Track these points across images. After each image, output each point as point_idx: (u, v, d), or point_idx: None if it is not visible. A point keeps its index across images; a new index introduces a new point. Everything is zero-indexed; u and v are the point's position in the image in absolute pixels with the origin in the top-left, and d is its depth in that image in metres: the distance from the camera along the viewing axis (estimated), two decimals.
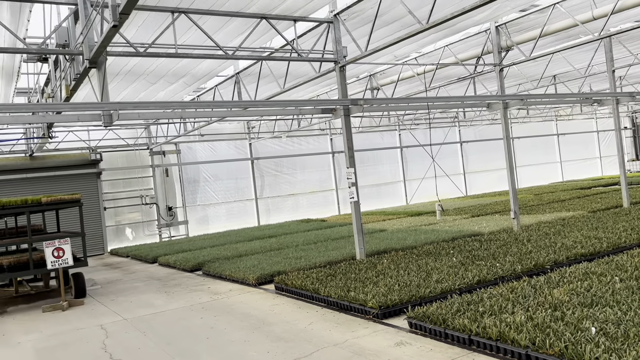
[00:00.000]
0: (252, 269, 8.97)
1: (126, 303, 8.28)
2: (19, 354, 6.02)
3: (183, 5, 7.61)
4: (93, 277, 11.62)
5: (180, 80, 11.93)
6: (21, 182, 15.52)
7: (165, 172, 18.47)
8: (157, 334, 6.24)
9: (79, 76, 7.57)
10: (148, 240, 17.93)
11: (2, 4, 6.81)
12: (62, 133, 16.27)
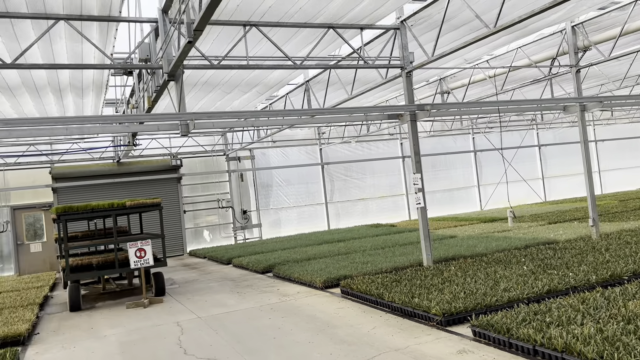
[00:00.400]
0: (319, 273, 9.17)
1: (201, 302, 8.74)
2: (105, 346, 6.56)
3: (254, 19, 7.97)
4: (172, 276, 12.30)
5: (253, 89, 12.42)
6: (109, 187, 16.70)
7: (240, 177, 19.18)
8: (228, 332, 6.57)
9: (159, 88, 8.14)
10: (224, 242, 18.68)
11: (92, 24, 7.46)
12: (146, 141, 17.35)
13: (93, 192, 16.48)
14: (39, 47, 7.95)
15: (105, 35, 7.93)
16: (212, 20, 7.64)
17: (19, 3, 6.57)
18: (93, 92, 11.03)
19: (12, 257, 15.92)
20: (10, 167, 16.06)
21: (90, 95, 11.28)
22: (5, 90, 10.19)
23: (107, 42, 8.17)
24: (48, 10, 6.90)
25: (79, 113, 12.83)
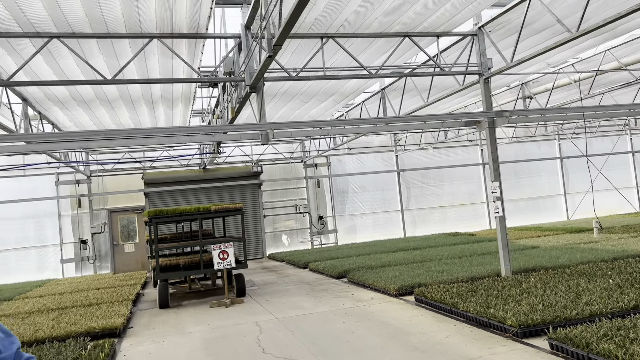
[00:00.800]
0: (393, 280, 9.23)
1: (279, 304, 9.08)
2: (190, 341, 7.02)
3: (331, 31, 8.23)
4: (252, 278, 12.82)
5: (330, 98, 12.72)
6: (195, 192, 17.66)
7: (317, 183, 19.57)
8: (303, 334, 6.82)
9: (242, 100, 8.60)
10: (301, 246, 19.13)
11: (181, 41, 8.05)
12: (229, 148, 18.20)
13: (181, 197, 17.49)
14: (134, 63, 8.68)
15: (193, 50, 8.51)
16: (291, 33, 7.98)
17: (119, 24, 7.24)
18: (182, 103, 11.79)
19: (108, 257, 17.25)
20: (108, 173, 17.44)
21: (179, 106, 12.07)
22: (105, 103, 11.15)
23: (194, 57, 8.75)
24: (143, 30, 7.54)
25: (169, 123, 13.73)
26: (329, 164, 19.71)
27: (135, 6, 6.74)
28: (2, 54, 7.89)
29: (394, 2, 7.43)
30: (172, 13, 7.08)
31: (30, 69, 8.49)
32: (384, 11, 7.74)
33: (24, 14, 6.64)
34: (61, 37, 7.31)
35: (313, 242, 19.17)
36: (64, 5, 6.52)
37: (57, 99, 10.63)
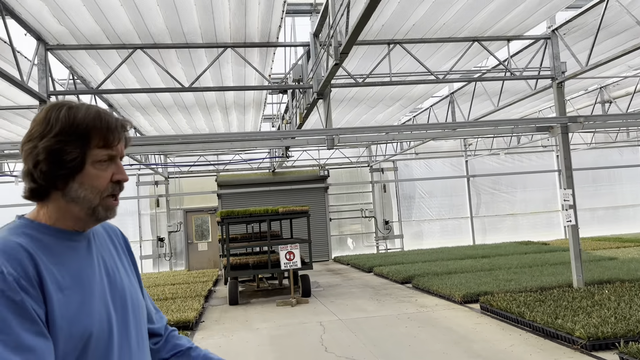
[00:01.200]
0: (458, 287, 9.13)
1: (342, 305, 9.24)
2: (257, 337, 7.33)
3: (398, 37, 8.31)
4: (318, 280, 13.06)
5: (397, 102, 12.75)
6: (265, 194, 18.21)
7: (383, 188, 19.59)
8: (365, 336, 6.93)
9: (309, 106, 8.85)
10: (366, 250, 19.21)
11: (253, 50, 8.42)
12: (298, 152, 18.61)
13: (251, 199, 18.09)
14: (210, 71, 9.15)
15: (264, 58, 8.87)
16: (359, 40, 8.11)
17: (196, 35, 7.70)
18: (253, 108, 12.25)
19: (183, 254, 18.13)
20: (184, 175, 18.35)
21: (251, 112, 12.54)
22: (182, 108, 11.80)
23: (265, 64, 9.11)
24: (218, 40, 7.97)
25: (241, 128, 14.28)
26: (395, 169, 19.66)
27: (211, 18, 7.16)
28: (92, 64, 8.60)
29: (462, 7, 7.41)
30: (245, 23, 7.44)
31: (116, 77, 9.17)
32: (452, 16, 7.72)
33: (111, 27, 7.22)
34: (144, 48, 7.87)
35: (378, 247, 19.18)
36: (147, 18, 7.03)
37: (140, 105, 11.37)
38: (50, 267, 1.19)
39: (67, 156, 1.21)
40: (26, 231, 1.22)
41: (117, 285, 1.34)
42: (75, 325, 1.18)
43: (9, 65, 7.72)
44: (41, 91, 7.63)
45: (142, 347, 1.37)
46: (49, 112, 1.24)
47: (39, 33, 7.27)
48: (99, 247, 1.36)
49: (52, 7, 6.48)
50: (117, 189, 1.29)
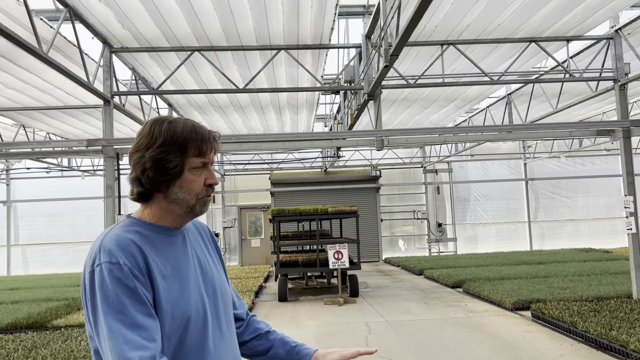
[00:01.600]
0: (510, 293, 8.92)
1: (390, 307, 9.24)
2: (303, 334, 7.46)
3: (451, 38, 8.21)
4: (367, 280, 13.08)
5: (452, 103, 12.57)
6: (317, 193, 18.39)
7: (436, 190, 19.33)
8: (410, 338, 6.92)
9: (360, 107, 8.90)
10: (418, 253, 19.02)
11: (306, 52, 8.56)
12: (350, 152, 18.67)
13: (303, 197, 18.32)
14: (264, 72, 9.37)
15: (317, 60, 9.00)
16: (411, 41, 8.11)
17: (251, 38, 7.92)
18: (306, 109, 12.42)
19: (237, 250, 18.61)
20: (239, 173, 18.82)
21: (303, 112, 12.72)
22: (238, 108, 12.13)
23: (318, 66, 9.23)
24: (272, 43, 8.16)
25: (294, 127, 14.50)
26: (450, 170, 19.34)
27: (265, 21, 7.34)
28: (153, 65, 9.01)
29: (518, 7, 7.24)
30: (298, 26, 7.59)
31: (175, 78, 9.55)
32: (508, 17, 7.56)
33: (171, 30, 7.55)
34: (201, 50, 8.17)
35: (430, 250, 18.95)
36: (205, 22, 7.30)
37: (197, 105, 11.78)
38: (155, 259, 1.40)
39: (169, 164, 1.41)
40: (135, 228, 1.44)
41: (208, 275, 1.54)
42: (177, 308, 1.38)
43: (77, 66, 8.21)
44: (105, 91, 8.08)
45: (230, 330, 1.57)
46: (152, 126, 1.45)
47: (105, 37, 7.70)
48: (192, 242, 1.56)
49: (117, 12, 6.85)
50: (209, 191, 1.50)
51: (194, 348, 1.42)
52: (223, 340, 1.52)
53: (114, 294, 1.30)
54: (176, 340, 1.39)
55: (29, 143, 8.67)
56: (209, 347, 1.45)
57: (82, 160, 17.76)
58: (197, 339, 1.42)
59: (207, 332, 1.46)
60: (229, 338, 1.56)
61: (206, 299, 1.49)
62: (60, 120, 12.54)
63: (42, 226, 18.48)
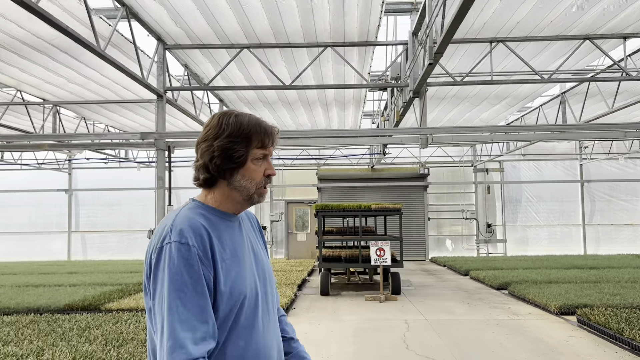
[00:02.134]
0: (556, 297, 8.69)
1: (431, 306, 9.19)
2: (342, 328, 7.56)
3: (501, 35, 8.06)
4: (410, 279, 13.03)
5: (503, 101, 12.30)
6: (363, 190, 18.41)
7: (487, 190, 18.93)
8: (449, 338, 6.89)
9: (406, 104, 8.88)
10: (465, 253, 18.71)
11: (352, 49, 8.61)
12: (397, 149, 18.57)
13: (349, 193, 18.40)
14: (311, 69, 9.50)
15: (363, 57, 9.04)
16: (458, 38, 8.04)
17: (298, 35, 8.06)
18: (353, 105, 12.48)
19: (283, 243, 18.91)
20: (287, 168, 19.10)
21: (350, 109, 12.78)
22: (286, 104, 12.34)
23: (364, 63, 9.27)
24: (319, 40, 8.27)
25: (341, 124, 14.58)
26: (501, 170, 18.90)
27: (311, 19, 7.46)
28: (204, 62, 9.31)
29: (572, 3, 7.03)
30: (344, 23, 7.66)
31: (225, 74, 9.84)
32: (561, 13, 7.35)
33: (221, 28, 7.79)
34: (250, 48, 8.38)
35: (479, 250, 18.60)
36: (253, 20, 7.49)
37: (247, 100, 12.07)
38: (217, 242, 1.51)
39: (235, 153, 1.54)
40: (201, 212, 1.56)
41: (259, 259, 1.67)
42: (235, 288, 1.50)
43: (133, 62, 8.61)
44: (159, 86, 8.43)
45: (275, 313, 1.70)
46: (220, 118, 1.58)
47: (159, 34, 8.03)
48: (246, 228, 1.69)
49: (170, 11, 7.15)
50: (268, 181, 1.63)
51: (246, 326, 1.53)
52: (270, 322, 1.63)
53: (179, 273, 1.41)
54: (232, 317, 1.50)
55: (89, 135, 9.16)
56: (259, 326, 1.56)
57: (138, 152, 18.52)
58: (249, 318, 1.53)
59: (258, 312, 1.57)
60: (274, 320, 1.68)
61: (258, 281, 1.60)
62: (118, 114, 13.15)
63: (100, 214, 19.42)
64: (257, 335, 1.54)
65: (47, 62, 8.92)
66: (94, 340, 6.17)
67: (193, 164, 1.63)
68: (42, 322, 7.35)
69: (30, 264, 16.53)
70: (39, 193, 19.44)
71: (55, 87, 10.44)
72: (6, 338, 6.37)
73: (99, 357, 5.34)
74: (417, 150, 18.86)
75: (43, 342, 6.08)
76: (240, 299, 1.51)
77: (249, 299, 1.53)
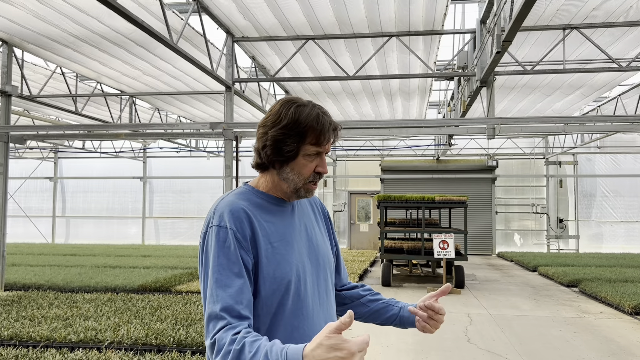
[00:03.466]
0: (631, 296, 8.26)
1: (495, 301, 8.99)
2: None
3: (575, 21, 7.69)
4: (475, 273, 12.77)
5: (577, 91, 11.73)
6: (427, 181, 18.16)
7: (559, 183, 18.15)
8: (513, 333, 6.73)
9: (472, 94, 8.68)
10: (534, 248, 18.07)
11: (418, 38, 8.51)
12: (464, 141, 18.14)
13: (413, 185, 18.20)
14: (375, 59, 9.48)
15: (429, 46, 8.91)
16: (529, 26, 7.75)
17: (362, 25, 8.06)
18: (418, 95, 12.32)
19: (346, 234, 19.03)
20: (350, 159, 19.15)
21: (415, 99, 12.63)
22: (350, 95, 12.37)
23: (430, 52, 9.13)
24: (383, 30, 8.23)
25: (405, 114, 14.44)
26: (575, 163, 18.04)
27: (376, 8, 7.44)
28: (271, 54, 9.51)
29: None
30: (409, 12, 7.58)
31: (291, 66, 10.00)
32: None
33: (287, 20, 7.93)
34: (315, 39, 8.47)
35: (549, 246, 17.90)
36: (318, 11, 7.57)
37: (312, 91, 12.21)
38: (263, 224, 1.54)
39: (286, 147, 1.53)
40: (248, 196, 1.59)
41: (313, 244, 1.65)
42: (278, 271, 1.50)
43: (202, 54, 8.93)
44: (227, 78, 8.71)
45: (328, 298, 1.68)
46: (282, 106, 1.56)
47: (228, 27, 8.29)
48: (301, 213, 1.69)
49: (238, 4, 7.35)
50: (317, 178, 1.60)
51: (293, 311, 1.52)
52: (321, 307, 1.61)
53: (217, 255, 1.46)
54: (277, 301, 1.50)
55: (162, 125, 9.61)
56: (307, 311, 1.55)
57: (208, 142, 19.19)
58: (296, 303, 1.52)
59: (307, 297, 1.55)
60: (327, 306, 1.65)
61: (309, 266, 1.59)
62: (189, 104, 13.69)
63: (172, 201, 20.33)
64: (305, 320, 1.54)
65: (124, 56, 9.43)
66: (165, 320, 6.53)
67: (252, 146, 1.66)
68: (118, 301, 7.85)
69: (107, 247, 17.61)
70: (116, 180, 20.61)
71: (131, 79, 11.02)
72: (87, 314, 6.88)
73: (169, 335, 5.66)
74: (484, 141, 18.35)
75: (119, 319, 6.51)
76: (285, 283, 1.50)
77: (295, 284, 1.52)
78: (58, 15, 7.54)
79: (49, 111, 14.14)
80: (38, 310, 7.03)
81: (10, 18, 7.68)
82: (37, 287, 9.30)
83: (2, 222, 9.02)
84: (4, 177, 9.10)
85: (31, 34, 8.33)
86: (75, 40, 8.58)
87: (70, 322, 6.31)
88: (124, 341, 5.52)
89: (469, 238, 16.47)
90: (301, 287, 1.54)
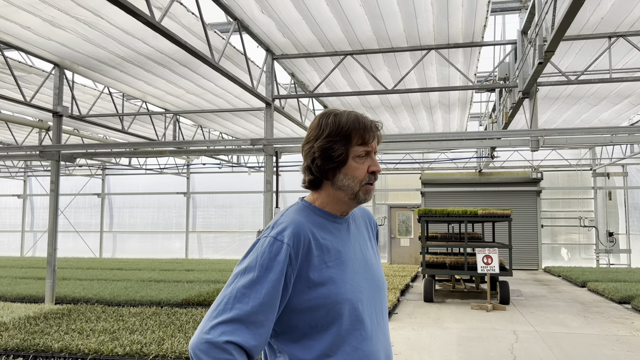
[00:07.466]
0: None
1: (542, 317, 8.71)
2: (445, 336, 7.42)
3: (621, 30, 7.48)
4: (521, 288, 12.41)
5: (625, 100, 11.34)
6: (469, 195, 17.83)
7: (608, 195, 17.50)
8: (561, 351, 6.49)
9: (515, 105, 8.53)
10: (583, 263, 17.42)
11: (457, 50, 8.45)
12: (507, 153, 17.76)
13: (455, 198, 17.90)
14: (414, 72, 9.45)
15: (468, 58, 8.82)
16: (572, 35, 7.58)
17: (401, 40, 8.06)
18: (458, 107, 12.18)
19: (386, 248, 18.86)
20: (390, 172, 19.04)
21: (456, 111, 12.49)
22: (388, 108, 12.35)
23: (470, 64, 9.04)
24: (422, 43, 8.21)
25: (446, 127, 14.28)
26: (625, 174, 17.36)
27: (414, 22, 7.43)
28: (309, 70, 9.62)
29: None
30: (448, 25, 7.54)
31: (329, 81, 10.08)
32: None
33: (325, 36, 8.02)
34: (353, 54, 8.53)
35: (599, 261, 17.22)
36: (356, 26, 7.63)
37: (350, 106, 12.25)
38: (320, 242, 1.51)
39: (334, 152, 1.53)
40: (307, 213, 1.57)
41: (368, 263, 1.62)
42: (333, 291, 1.47)
43: (243, 72, 9.12)
44: (267, 95, 8.86)
45: (384, 319, 1.65)
46: (320, 119, 1.58)
47: (268, 45, 8.45)
48: (356, 231, 1.67)
49: (278, 22, 7.50)
50: (372, 178, 1.59)
51: (351, 332, 1.48)
52: (379, 328, 1.58)
53: (260, 265, 1.43)
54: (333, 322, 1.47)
55: (204, 142, 9.84)
56: (367, 332, 1.52)
57: (249, 157, 19.49)
58: (354, 324, 1.49)
59: (364, 318, 1.52)
60: (384, 327, 1.62)
61: (365, 286, 1.56)
62: (230, 121, 13.96)
63: (214, 216, 20.68)
64: (364, 341, 1.50)
65: (168, 75, 9.74)
66: None
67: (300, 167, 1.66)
68: (163, 314, 8.02)
69: (152, 261, 18.04)
70: (161, 195, 21.15)
71: (175, 97, 11.36)
72: (132, 327, 7.05)
73: None
74: (528, 153, 17.92)
75: (163, 333, 6.64)
76: (339, 304, 1.47)
77: (350, 304, 1.49)
78: (105, 38, 7.87)
79: (97, 130, 14.70)
80: (87, 324, 7.26)
81: (62, 42, 8.07)
82: (85, 301, 9.61)
83: (54, 237, 9.39)
84: (55, 194, 9.49)
85: (81, 56, 8.72)
86: (122, 61, 8.93)
87: (117, 336, 6.48)
88: (168, 355, 5.63)
89: (513, 252, 16.04)
90: (358, 307, 1.51)
